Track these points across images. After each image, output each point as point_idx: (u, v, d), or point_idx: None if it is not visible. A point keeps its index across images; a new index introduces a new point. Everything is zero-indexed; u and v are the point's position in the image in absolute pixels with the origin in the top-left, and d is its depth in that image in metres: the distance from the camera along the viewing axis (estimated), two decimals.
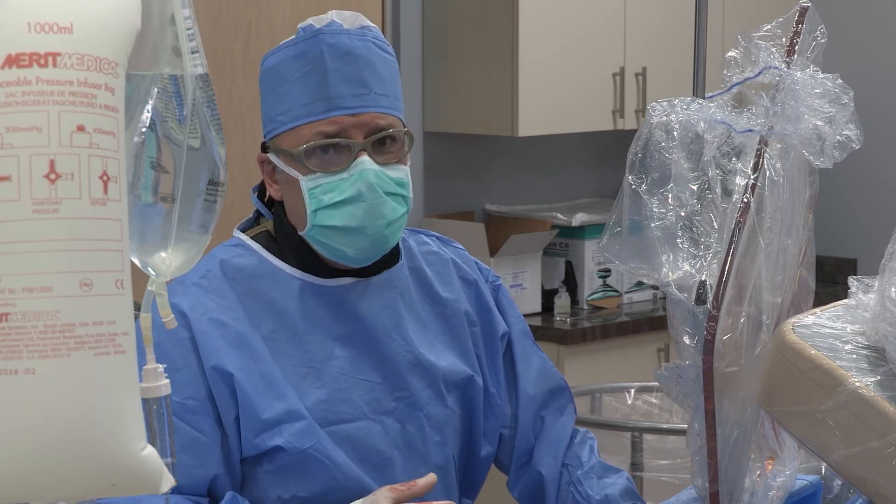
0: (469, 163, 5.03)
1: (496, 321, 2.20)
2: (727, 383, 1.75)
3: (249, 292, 2.02)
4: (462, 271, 2.20)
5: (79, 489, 1.15)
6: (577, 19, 4.75)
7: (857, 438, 1.64)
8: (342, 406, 2.02)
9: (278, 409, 1.97)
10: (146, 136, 1.25)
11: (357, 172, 1.97)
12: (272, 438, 1.96)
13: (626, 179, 1.81)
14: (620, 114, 4.88)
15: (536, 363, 2.23)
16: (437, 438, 2.10)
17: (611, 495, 2.14)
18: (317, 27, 2.00)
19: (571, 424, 2.24)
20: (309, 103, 1.98)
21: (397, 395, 2.07)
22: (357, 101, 1.98)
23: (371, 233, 1.98)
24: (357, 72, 1.99)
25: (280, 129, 2.01)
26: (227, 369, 1.96)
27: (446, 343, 2.14)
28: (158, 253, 1.27)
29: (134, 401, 1.17)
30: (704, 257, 1.76)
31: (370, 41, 2.01)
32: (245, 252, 2.06)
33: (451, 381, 2.12)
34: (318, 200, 1.98)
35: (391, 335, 2.07)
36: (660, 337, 4.78)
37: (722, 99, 1.82)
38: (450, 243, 2.24)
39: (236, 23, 4.17)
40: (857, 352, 1.69)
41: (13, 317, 1.11)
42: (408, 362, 2.08)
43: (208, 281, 2.02)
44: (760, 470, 1.84)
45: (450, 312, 2.15)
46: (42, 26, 1.13)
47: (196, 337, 1.96)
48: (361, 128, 1.98)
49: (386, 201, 1.98)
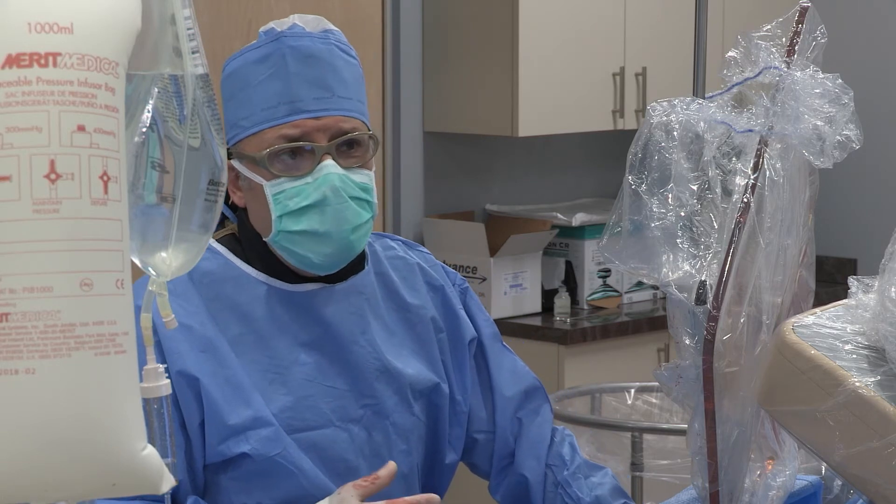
0: (469, 163, 5.03)
1: (463, 326, 2.17)
2: (727, 383, 1.75)
3: (215, 296, 2.00)
4: (428, 276, 2.17)
5: (79, 489, 1.15)
6: (577, 19, 4.75)
7: (857, 438, 1.64)
8: (308, 413, 2.00)
9: (245, 416, 1.95)
10: (147, 136, 1.25)
11: (321, 176, 1.95)
12: (238, 445, 1.94)
13: (626, 179, 1.81)
14: (620, 114, 4.88)
15: (508, 365, 2.21)
16: (403, 447, 2.08)
17: (601, 496, 2.13)
18: (279, 30, 1.98)
19: (550, 424, 2.22)
20: (271, 107, 1.96)
21: (364, 402, 2.05)
22: (320, 105, 1.96)
23: (336, 238, 1.96)
24: (320, 75, 1.97)
25: (243, 134, 1.99)
26: (192, 374, 1.93)
27: (413, 350, 2.11)
28: (159, 253, 1.27)
29: (134, 401, 1.17)
30: (704, 257, 1.76)
31: (333, 44, 1.99)
32: (210, 255, 2.02)
33: (417, 389, 2.09)
34: (283, 206, 1.96)
35: (358, 342, 2.05)
36: (660, 337, 4.78)
37: (722, 99, 1.82)
38: (415, 247, 2.21)
39: (236, 23, 4.17)
40: (857, 352, 1.69)
41: (13, 317, 1.11)
42: (375, 369, 2.05)
43: (174, 285, 1.96)
44: (760, 470, 1.84)
45: (416, 319, 2.13)
46: (42, 26, 1.13)
47: (161, 341, 1.91)
48: (325, 131, 1.96)
49: (350, 206, 1.96)
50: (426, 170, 4.91)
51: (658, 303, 5.00)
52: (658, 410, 3.70)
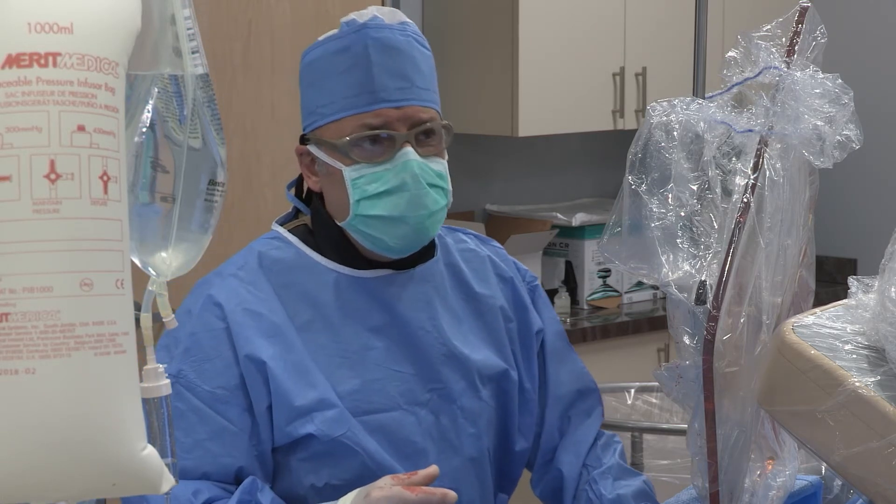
0: (469, 163, 5.03)
1: (532, 318, 2.22)
2: (727, 383, 1.75)
3: (286, 284, 2.06)
4: (499, 269, 2.23)
5: (79, 489, 1.15)
6: (577, 19, 4.75)
7: (857, 438, 1.64)
8: (375, 396, 2.04)
9: (310, 398, 1.99)
10: (146, 136, 1.25)
11: (401, 163, 2.00)
12: (304, 426, 1.99)
13: (626, 179, 1.81)
14: (620, 114, 4.88)
15: (568, 364, 2.25)
16: (471, 430, 2.12)
17: (623, 495, 2.15)
18: (360, 22, 2.03)
19: (597, 427, 2.25)
20: (353, 96, 2.01)
21: (431, 386, 2.09)
22: (401, 95, 2.02)
23: (413, 223, 2.02)
24: (400, 66, 2.02)
25: (322, 121, 2.04)
26: (260, 358, 1.98)
27: (481, 337, 2.16)
28: (159, 253, 1.27)
29: (134, 401, 1.17)
30: (704, 257, 1.76)
31: (411, 36, 2.05)
32: (282, 244, 2.09)
33: (485, 374, 2.14)
34: (362, 190, 2.01)
35: (425, 327, 2.10)
36: (660, 337, 4.77)
37: (722, 99, 1.83)
38: (488, 242, 2.27)
39: (236, 23, 4.17)
40: (857, 352, 1.69)
41: (13, 317, 1.11)
42: (441, 354, 2.10)
43: (245, 272, 2.05)
44: (760, 470, 1.84)
45: (485, 308, 2.18)
46: (42, 26, 1.13)
47: (231, 327, 1.99)
48: (405, 120, 2.02)
49: (428, 192, 2.03)
50: None
51: (658, 303, 5.00)
52: (658, 410, 3.70)
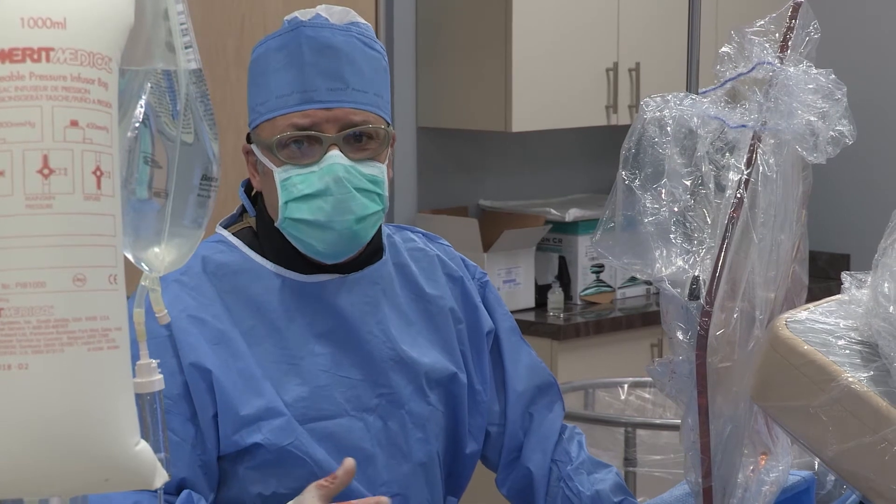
0: (462, 158, 5.03)
1: (482, 318, 2.19)
2: (720, 379, 1.75)
3: (230, 289, 2.02)
4: (448, 268, 2.19)
5: (72, 484, 1.15)
6: (570, 15, 4.75)
7: (849, 434, 1.64)
8: (323, 403, 2.02)
9: (256, 406, 1.97)
10: (140, 132, 1.25)
11: (326, 166, 1.97)
12: (251, 435, 1.96)
13: (620, 175, 1.81)
14: (614, 109, 4.88)
15: (525, 360, 2.22)
16: (420, 435, 2.09)
17: (601, 491, 2.14)
18: (300, 20, 2.00)
19: (560, 421, 2.23)
20: (285, 95, 1.99)
21: (379, 391, 2.06)
22: (332, 96, 1.98)
23: (339, 228, 1.98)
24: (335, 66, 1.98)
25: (259, 119, 2.02)
26: (205, 366, 1.95)
27: (430, 339, 2.13)
28: (152, 248, 1.27)
29: (127, 396, 1.17)
30: (698, 253, 1.76)
31: (354, 37, 2.01)
32: (226, 248, 2.06)
33: (433, 378, 2.11)
34: (289, 192, 1.98)
35: (373, 332, 2.06)
36: (653, 332, 4.78)
37: (715, 94, 1.83)
38: (436, 240, 2.23)
39: (229, 18, 4.16)
40: (850, 347, 1.69)
41: (6, 312, 1.11)
42: (389, 359, 2.07)
43: (189, 277, 2.01)
44: (754, 465, 1.84)
45: (434, 309, 2.14)
46: (35, 21, 1.13)
47: (174, 334, 1.95)
48: (334, 122, 1.98)
49: (355, 196, 1.97)
50: (419, 165, 4.91)
51: (651, 298, 5.01)
52: (651, 406, 3.71)
